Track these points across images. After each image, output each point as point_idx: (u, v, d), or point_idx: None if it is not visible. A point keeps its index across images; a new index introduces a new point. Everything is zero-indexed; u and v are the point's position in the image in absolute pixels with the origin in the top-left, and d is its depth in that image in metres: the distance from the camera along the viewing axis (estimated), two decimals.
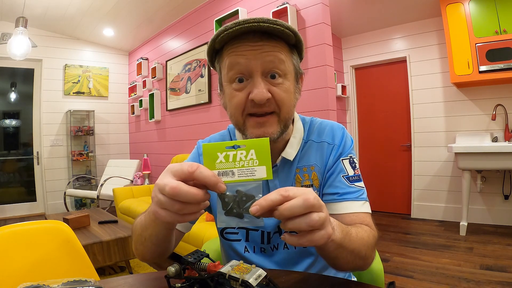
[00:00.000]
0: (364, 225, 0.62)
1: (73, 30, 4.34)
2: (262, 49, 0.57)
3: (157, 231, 0.57)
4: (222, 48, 0.62)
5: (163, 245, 0.62)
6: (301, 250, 0.71)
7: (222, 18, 3.11)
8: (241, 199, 0.41)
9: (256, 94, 0.57)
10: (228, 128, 0.79)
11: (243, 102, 0.59)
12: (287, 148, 0.68)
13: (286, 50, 0.61)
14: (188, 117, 3.72)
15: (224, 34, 0.56)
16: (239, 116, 0.61)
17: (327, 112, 2.34)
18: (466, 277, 1.95)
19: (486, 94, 3.05)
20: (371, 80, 3.96)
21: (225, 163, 0.42)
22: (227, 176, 0.41)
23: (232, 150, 0.42)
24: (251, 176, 0.41)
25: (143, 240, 0.60)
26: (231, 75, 0.60)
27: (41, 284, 0.49)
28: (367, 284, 0.63)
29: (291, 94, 0.62)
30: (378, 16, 3.49)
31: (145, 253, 0.64)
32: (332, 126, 0.73)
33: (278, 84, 0.59)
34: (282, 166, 0.70)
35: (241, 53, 0.58)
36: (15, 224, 0.85)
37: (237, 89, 0.60)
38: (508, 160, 2.54)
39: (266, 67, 0.58)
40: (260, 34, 0.57)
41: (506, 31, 2.65)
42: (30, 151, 4.34)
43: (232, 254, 0.75)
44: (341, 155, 0.69)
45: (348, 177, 0.67)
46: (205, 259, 0.53)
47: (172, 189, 0.38)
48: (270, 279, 0.49)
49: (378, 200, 3.86)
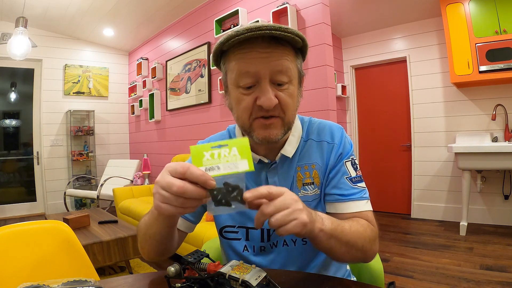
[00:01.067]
0: (363, 219, 0.65)
1: (73, 30, 4.34)
2: (270, 56, 0.59)
3: (160, 229, 0.61)
4: (228, 50, 0.62)
5: (167, 243, 0.65)
6: (300, 247, 0.71)
7: (222, 18, 3.11)
8: (228, 190, 0.46)
9: (264, 101, 0.59)
10: (227, 128, 0.80)
11: (250, 107, 0.61)
12: (286, 146, 0.70)
13: (292, 54, 0.62)
14: (188, 117, 3.72)
15: (235, 39, 0.57)
16: (246, 119, 0.63)
17: (327, 112, 2.34)
18: (466, 277, 1.95)
19: (486, 94, 3.05)
20: (371, 80, 3.96)
21: (211, 160, 0.47)
22: (213, 171, 0.46)
23: (217, 149, 0.47)
24: (235, 169, 0.46)
25: (147, 238, 0.64)
26: (238, 80, 0.61)
27: (41, 284, 0.49)
28: (367, 284, 0.63)
29: (295, 98, 0.65)
30: (378, 16, 3.49)
31: (150, 252, 0.67)
32: (331, 126, 0.75)
33: (284, 90, 0.61)
34: (281, 163, 0.71)
35: (250, 60, 0.59)
36: (15, 224, 0.85)
37: (244, 94, 0.61)
38: (508, 160, 2.54)
39: (273, 75, 0.60)
40: (268, 40, 0.59)
41: (506, 31, 2.64)
42: (30, 151, 4.34)
43: (231, 253, 0.75)
44: (343, 156, 0.71)
45: (351, 179, 0.70)
46: (205, 259, 0.53)
47: (179, 188, 0.44)
48: (270, 279, 0.49)
49: (378, 200, 3.86)
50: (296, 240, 0.71)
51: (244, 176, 0.47)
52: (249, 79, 0.60)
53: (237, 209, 0.47)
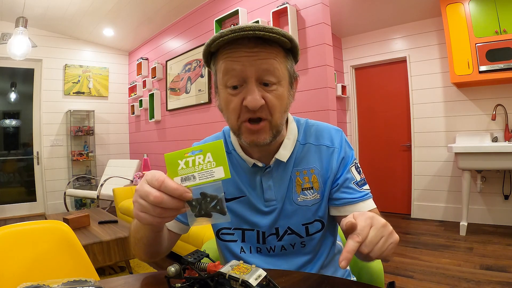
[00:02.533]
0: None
1: (73, 30, 4.34)
2: (257, 56, 0.58)
3: (146, 234, 0.62)
4: (217, 51, 0.63)
5: (155, 246, 0.66)
6: (298, 250, 0.71)
7: (222, 18, 3.11)
8: (206, 200, 0.45)
9: (250, 101, 0.58)
10: (223, 130, 0.80)
11: (238, 108, 0.61)
12: (280, 150, 0.69)
13: (282, 55, 0.62)
14: (188, 117, 3.72)
15: (220, 40, 0.57)
16: (234, 121, 0.63)
17: (327, 112, 2.34)
18: (466, 277, 1.95)
19: (486, 94, 3.05)
20: (371, 80, 3.96)
21: (186, 168, 0.45)
22: (189, 181, 0.45)
23: (191, 156, 0.45)
24: (211, 177, 0.44)
25: (136, 241, 0.65)
26: (226, 80, 0.61)
27: (41, 284, 0.49)
28: (367, 284, 0.63)
29: (284, 100, 0.63)
30: (378, 16, 3.48)
31: (141, 253, 0.68)
32: (329, 129, 0.74)
33: (272, 91, 0.60)
34: (276, 167, 0.70)
35: (236, 59, 0.59)
36: (15, 224, 0.85)
37: (232, 94, 0.61)
38: (508, 160, 2.54)
39: (260, 75, 0.59)
40: (255, 40, 0.58)
41: (506, 31, 2.64)
42: (30, 151, 4.34)
43: (228, 255, 0.75)
44: (347, 162, 0.71)
45: (357, 183, 0.71)
46: (205, 259, 0.53)
47: (156, 197, 0.44)
48: (270, 279, 0.49)
49: (378, 200, 3.81)
50: (294, 244, 0.71)
51: (221, 185, 0.45)
52: (235, 78, 0.59)
53: (218, 220, 0.45)
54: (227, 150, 0.73)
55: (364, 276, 0.86)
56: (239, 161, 0.72)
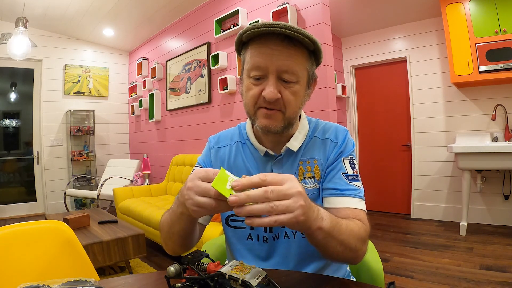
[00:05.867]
0: (357, 219, 0.66)
1: (73, 30, 4.33)
2: (280, 54, 0.64)
3: (184, 226, 0.66)
4: (248, 42, 0.69)
5: (190, 237, 0.71)
6: (299, 240, 0.72)
7: (222, 18, 3.11)
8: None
9: (267, 93, 0.64)
10: (238, 126, 0.85)
11: (256, 96, 0.67)
12: (291, 140, 0.74)
13: (304, 56, 0.67)
14: (188, 117, 3.72)
15: (250, 32, 0.64)
16: (251, 107, 0.69)
17: (327, 112, 2.34)
18: (466, 277, 1.95)
19: (486, 94, 3.05)
20: (371, 80, 3.96)
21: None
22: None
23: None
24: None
25: (171, 235, 0.69)
26: (250, 71, 0.67)
27: (41, 284, 0.49)
28: (367, 284, 0.63)
29: (299, 98, 0.69)
30: (378, 16, 3.48)
31: (175, 247, 0.72)
32: (336, 127, 0.79)
33: (289, 88, 0.66)
34: (287, 156, 0.75)
35: (262, 56, 0.65)
36: (15, 224, 0.85)
37: (254, 84, 0.68)
38: (508, 160, 2.54)
39: (280, 72, 0.65)
40: (282, 38, 0.63)
41: (506, 31, 2.64)
42: (30, 151, 4.34)
43: (235, 241, 0.78)
44: (342, 154, 0.74)
45: (347, 176, 0.72)
46: (205, 259, 0.53)
47: (215, 193, 0.49)
48: (270, 279, 0.49)
49: (378, 200, 3.86)
50: (296, 233, 0.73)
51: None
52: (258, 72, 0.66)
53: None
54: (242, 141, 0.81)
55: (364, 276, 0.86)
56: (252, 150, 0.78)
